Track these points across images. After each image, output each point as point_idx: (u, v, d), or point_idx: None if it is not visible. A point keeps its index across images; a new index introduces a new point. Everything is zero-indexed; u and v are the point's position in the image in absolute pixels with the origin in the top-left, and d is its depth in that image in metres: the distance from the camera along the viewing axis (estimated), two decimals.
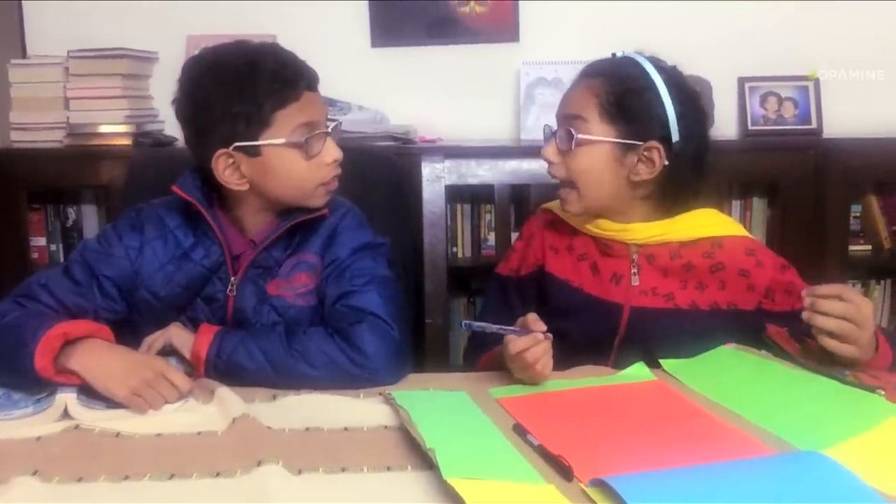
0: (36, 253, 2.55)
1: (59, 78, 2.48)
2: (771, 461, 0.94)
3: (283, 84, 1.28)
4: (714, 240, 1.40)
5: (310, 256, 1.37)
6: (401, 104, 2.61)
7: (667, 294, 1.39)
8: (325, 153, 1.32)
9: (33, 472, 0.92)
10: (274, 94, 1.27)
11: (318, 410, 1.12)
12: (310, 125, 1.30)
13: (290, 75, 1.29)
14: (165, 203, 1.39)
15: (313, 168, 1.32)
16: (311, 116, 1.30)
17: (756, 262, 1.39)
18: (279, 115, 1.28)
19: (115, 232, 1.38)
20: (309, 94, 1.31)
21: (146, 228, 1.37)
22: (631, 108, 1.34)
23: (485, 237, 2.56)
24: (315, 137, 1.30)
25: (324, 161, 1.32)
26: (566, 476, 0.90)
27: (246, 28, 2.57)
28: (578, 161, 1.36)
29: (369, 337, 1.23)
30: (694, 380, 1.21)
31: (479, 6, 2.63)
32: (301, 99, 1.29)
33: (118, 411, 1.12)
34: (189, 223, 1.37)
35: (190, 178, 1.36)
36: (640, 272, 1.39)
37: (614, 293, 1.40)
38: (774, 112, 2.61)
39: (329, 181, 1.35)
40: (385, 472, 0.94)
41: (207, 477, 0.93)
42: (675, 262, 1.39)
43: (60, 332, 1.15)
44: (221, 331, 1.26)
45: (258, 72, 1.27)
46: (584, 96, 1.37)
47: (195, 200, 1.33)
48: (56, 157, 2.45)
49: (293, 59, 1.32)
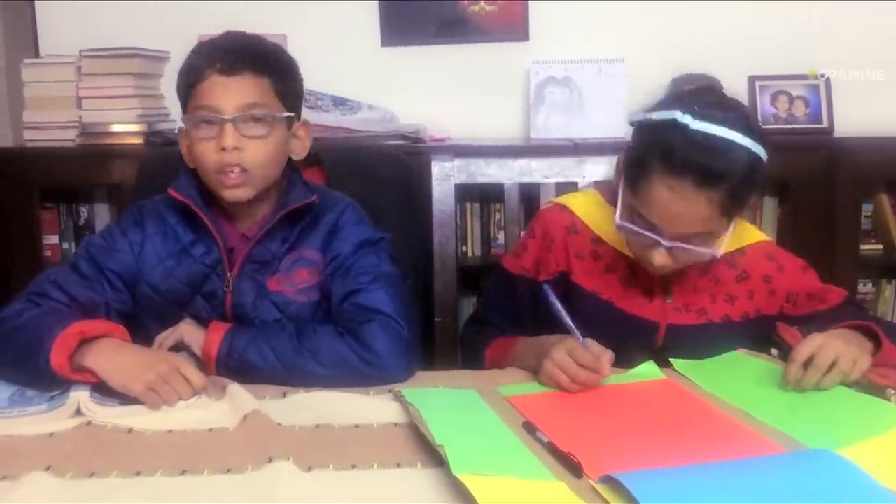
0: (48, 251, 2.56)
1: (71, 77, 2.49)
2: (783, 459, 0.94)
3: (196, 65, 1.31)
4: (737, 250, 1.38)
5: (310, 252, 1.38)
6: (410, 103, 2.60)
7: (699, 309, 1.37)
8: (217, 139, 1.28)
9: (46, 468, 0.93)
10: (184, 76, 1.33)
11: (329, 407, 1.13)
12: (209, 108, 1.29)
13: (199, 59, 1.32)
14: (166, 199, 1.40)
15: (207, 152, 1.29)
16: (209, 101, 1.29)
17: (777, 266, 1.38)
18: (189, 96, 1.32)
19: (119, 228, 1.40)
20: (216, 77, 1.29)
21: (147, 224, 1.39)
22: (748, 193, 1.24)
23: (494, 236, 2.56)
24: (206, 120, 1.29)
25: (214, 146, 1.28)
26: (576, 473, 0.90)
27: (257, 27, 2.52)
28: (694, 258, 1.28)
29: (380, 335, 1.23)
30: (704, 379, 1.21)
31: (489, 5, 2.63)
32: (206, 80, 1.29)
33: (131, 408, 1.13)
34: (188, 220, 1.37)
35: (185, 177, 1.37)
36: (671, 289, 1.37)
37: (649, 311, 1.36)
38: (785, 111, 2.59)
39: (223, 172, 1.30)
40: (395, 469, 0.94)
41: (219, 473, 0.93)
42: (704, 277, 1.37)
43: (77, 330, 1.15)
44: (232, 329, 1.27)
45: (189, 55, 1.34)
46: (708, 212, 1.20)
47: (190, 200, 1.34)
48: (68, 155, 2.45)
49: (217, 44, 1.34)
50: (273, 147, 1.33)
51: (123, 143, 2.45)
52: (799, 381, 1.15)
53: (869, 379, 1.16)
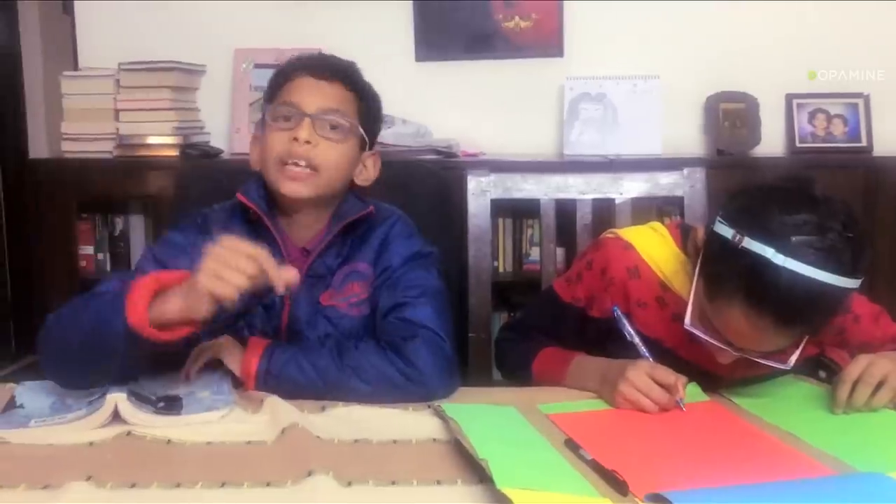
0: (84, 261, 2.59)
1: (109, 90, 2.53)
2: (832, 481, 0.92)
3: (284, 69, 1.39)
4: None
5: (362, 266, 1.37)
6: (444, 118, 2.61)
7: None
8: (292, 131, 1.31)
9: (87, 478, 0.93)
10: (274, 78, 1.39)
11: (367, 422, 1.12)
12: (290, 104, 1.34)
13: (293, 62, 1.39)
14: (227, 209, 1.40)
15: (277, 140, 1.32)
16: (293, 97, 1.34)
17: (853, 317, 1.31)
18: (275, 94, 1.37)
19: (184, 234, 1.37)
20: (306, 79, 1.35)
21: (213, 230, 1.35)
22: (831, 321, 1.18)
23: (527, 252, 2.55)
24: (286, 111, 1.33)
25: (288, 136, 1.31)
26: (621, 491, 0.88)
27: (292, 42, 2.60)
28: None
29: (423, 352, 1.22)
30: (750, 403, 1.19)
31: (524, 21, 2.63)
32: (293, 80, 1.35)
33: (168, 418, 1.12)
34: (251, 231, 1.36)
35: (254, 185, 1.37)
36: None
37: (718, 366, 1.22)
38: (823, 129, 2.57)
39: (287, 164, 1.31)
40: (435, 485, 0.93)
41: (258, 486, 0.92)
42: None
43: (150, 282, 1.11)
44: (271, 345, 1.25)
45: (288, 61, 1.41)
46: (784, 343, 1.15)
47: (257, 207, 1.34)
48: (105, 167, 2.49)
49: (314, 55, 1.45)
50: (344, 155, 1.35)
51: (159, 155, 2.48)
52: (848, 400, 1.12)
53: None
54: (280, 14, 2.64)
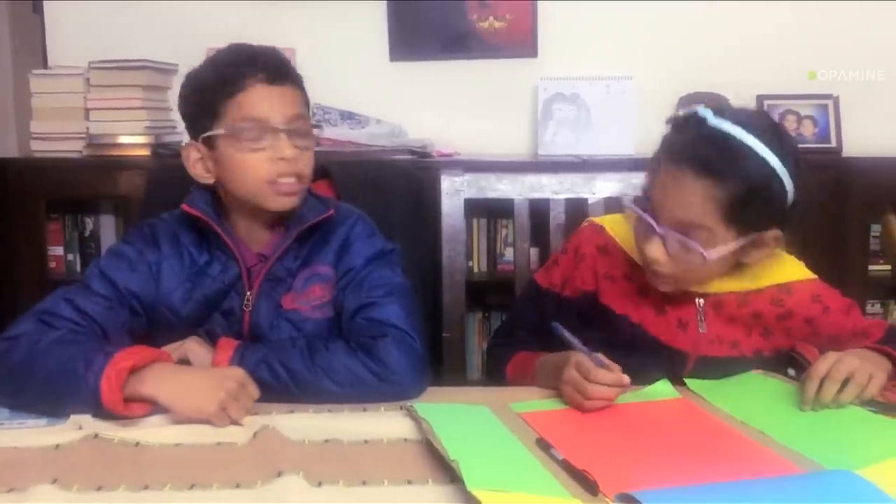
0: (53, 262, 2.56)
1: (79, 88, 2.49)
2: (801, 480, 0.93)
3: (232, 75, 1.27)
4: (782, 286, 1.34)
5: (323, 268, 1.36)
6: (418, 118, 2.61)
7: (732, 342, 1.33)
8: (271, 149, 1.27)
9: (52, 481, 0.91)
10: (218, 85, 1.27)
11: (337, 423, 1.11)
12: (257, 120, 1.26)
13: (239, 68, 1.27)
14: (176, 219, 1.37)
15: (259, 162, 1.27)
16: (257, 112, 1.26)
17: (823, 308, 1.34)
18: (226, 105, 1.26)
19: (133, 247, 1.34)
20: (263, 87, 1.27)
21: (162, 244, 1.34)
22: (758, 207, 1.21)
23: (501, 252, 2.55)
24: (258, 130, 1.26)
25: (269, 157, 1.27)
26: (592, 491, 0.89)
27: (265, 41, 2.56)
28: (694, 266, 1.25)
29: (394, 351, 1.21)
30: (720, 399, 1.20)
31: (498, 22, 2.64)
32: (248, 90, 1.26)
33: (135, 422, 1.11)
34: (201, 240, 1.35)
35: (198, 194, 1.34)
36: (706, 319, 1.33)
37: (681, 340, 1.32)
38: (793, 130, 2.59)
39: (277, 181, 1.28)
40: (406, 485, 0.93)
41: (228, 487, 0.92)
42: (743, 310, 1.33)
43: (128, 364, 1.09)
44: (241, 346, 1.24)
45: (215, 64, 1.29)
46: (700, 203, 1.19)
47: (206, 216, 1.31)
48: (75, 167, 2.46)
49: (255, 53, 1.30)
50: (314, 157, 1.35)
51: (131, 154, 2.46)
52: (816, 397, 1.13)
53: (887, 399, 1.14)
54: (253, 13, 2.63)
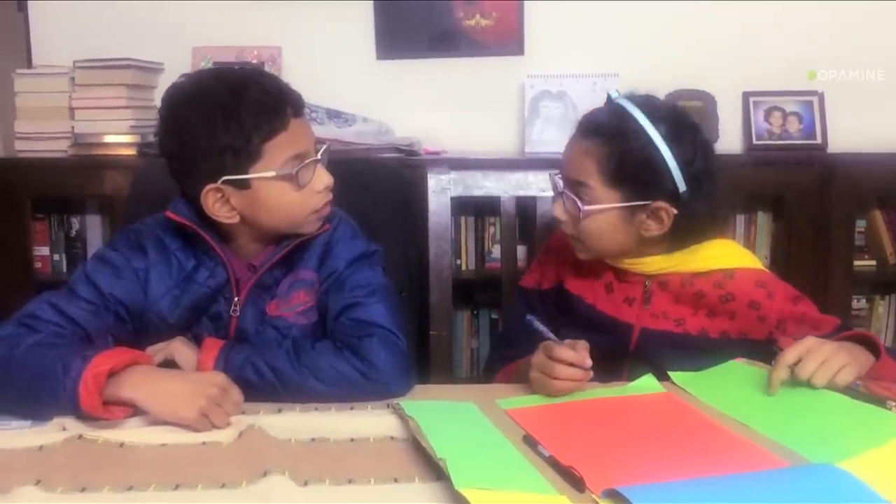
0: (39, 262, 2.54)
1: (64, 88, 2.47)
2: (785, 473, 0.93)
3: (270, 114, 1.23)
4: (726, 272, 1.40)
5: (306, 273, 1.35)
6: (405, 116, 2.60)
7: (677, 319, 1.40)
8: (315, 181, 1.29)
9: (36, 482, 0.91)
10: (261, 126, 1.23)
11: (324, 421, 1.11)
12: (300, 156, 1.26)
13: (276, 104, 1.24)
14: (161, 224, 1.35)
15: (305, 197, 1.28)
16: (301, 147, 1.27)
17: (767, 293, 1.38)
18: (268, 147, 1.24)
19: (120, 254, 1.33)
20: (296, 121, 1.26)
21: (149, 251, 1.33)
22: (633, 171, 1.31)
23: (489, 249, 2.55)
24: (306, 167, 1.27)
25: (315, 189, 1.29)
26: (578, 487, 0.89)
27: (251, 40, 2.59)
28: (587, 225, 1.36)
29: (380, 350, 1.21)
30: (704, 392, 1.20)
31: (485, 19, 2.63)
32: (289, 128, 1.25)
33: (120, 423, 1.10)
34: (188, 245, 1.34)
35: (182, 202, 1.32)
36: (652, 297, 1.41)
37: (626, 313, 1.42)
38: (779, 126, 2.60)
39: (321, 208, 1.31)
40: (392, 483, 0.93)
41: (213, 487, 0.92)
42: (686, 289, 1.40)
43: (105, 368, 1.08)
44: (226, 346, 1.23)
45: (243, 102, 1.22)
46: (583, 160, 1.34)
47: (191, 223, 1.30)
48: (60, 166, 2.44)
49: (278, 86, 1.27)
50: None
51: (116, 154, 2.44)
52: (782, 383, 1.15)
53: (869, 390, 1.15)
54: (239, 12, 2.61)
